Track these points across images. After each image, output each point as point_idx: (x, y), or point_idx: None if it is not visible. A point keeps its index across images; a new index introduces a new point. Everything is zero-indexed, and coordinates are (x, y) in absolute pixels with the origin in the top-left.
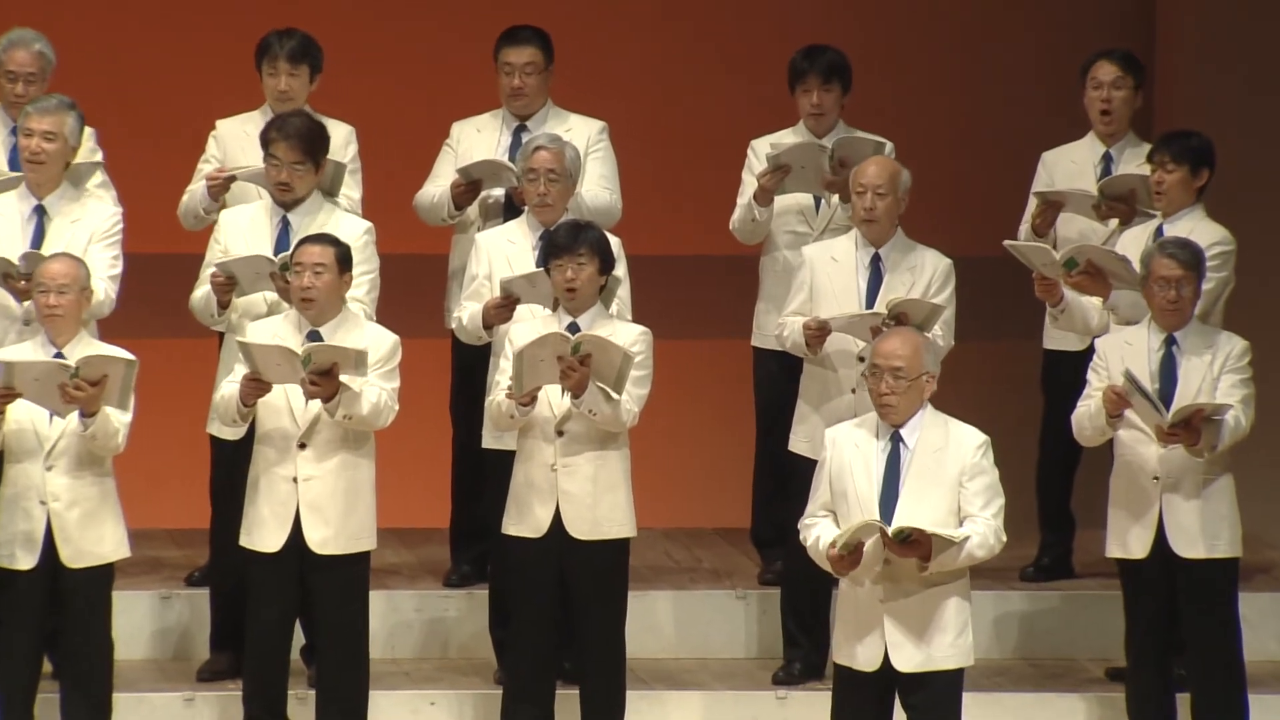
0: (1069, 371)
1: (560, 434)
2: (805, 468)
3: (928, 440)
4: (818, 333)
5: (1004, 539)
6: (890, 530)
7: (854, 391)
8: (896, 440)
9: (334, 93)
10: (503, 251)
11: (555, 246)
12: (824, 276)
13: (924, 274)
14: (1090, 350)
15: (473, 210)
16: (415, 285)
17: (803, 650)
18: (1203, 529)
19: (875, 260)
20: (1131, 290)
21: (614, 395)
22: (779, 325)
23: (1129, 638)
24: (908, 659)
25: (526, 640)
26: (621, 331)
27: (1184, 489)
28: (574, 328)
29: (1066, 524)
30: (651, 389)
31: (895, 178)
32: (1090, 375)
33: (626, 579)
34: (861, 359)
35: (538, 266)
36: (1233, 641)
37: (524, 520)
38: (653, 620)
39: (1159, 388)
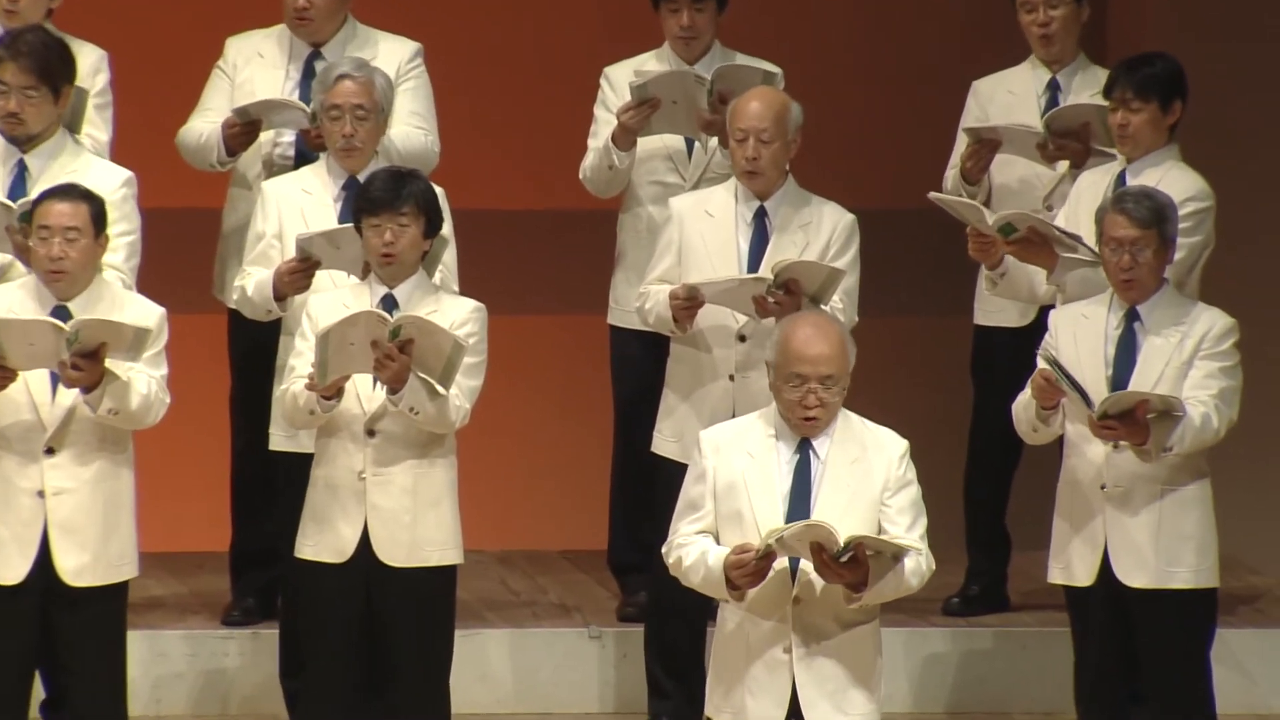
0: (1006, 352)
1: (371, 435)
2: (674, 474)
3: (843, 449)
4: (687, 304)
5: (933, 566)
6: (843, 540)
7: (732, 378)
8: (806, 449)
9: (81, 7)
10: (296, 204)
11: (371, 201)
12: (696, 235)
13: (820, 232)
14: (1034, 327)
15: (255, 164)
16: (181, 248)
17: (672, 702)
18: (1157, 551)
19: (760, 215)
20: (1084, 266)
21: (440, 389)
22: (639, 295)
23: (1077, 685)
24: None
25: (325, 691)
26: (449, 308)
27: (1135, 501)
28: (389, 302)
29: (1000, 544)
30: (485, 379)
31: (783, 116)
32: (1039, 359)
33: (452, 616)
34: (743, 338)
35: (343, 223)
36: (1199, 691)
37: (323, 541)
38: (485, 667)
39: (1113, 374)
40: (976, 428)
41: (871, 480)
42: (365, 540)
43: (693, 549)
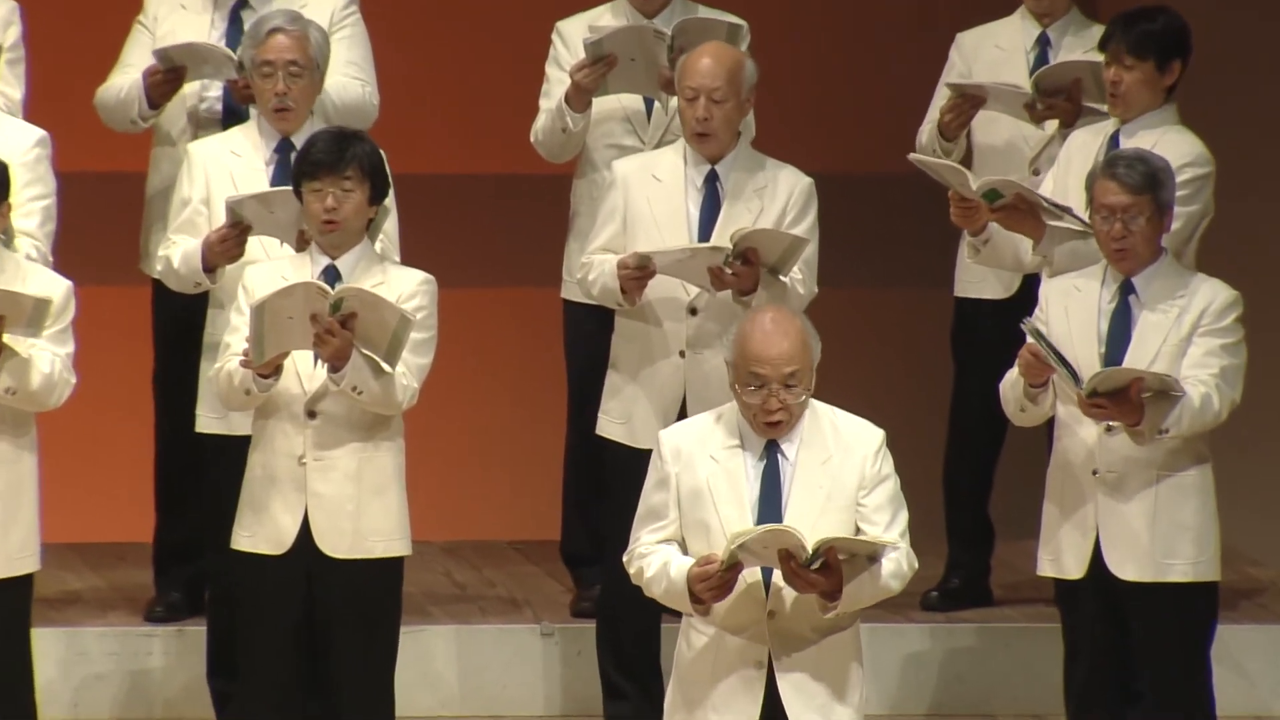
0: (988, 327)
1: (312, 416)
2: (621, 458)
3: (812, 449)
4: (638, 274)
5: (915, 565)
6: (810, 546)
7: (683, 355)
8: (773, 451)
9: None
10: (225, 166)
11: (312, 164)
12: (642, 201)
13: (776, 198)
14: (1018, 299)
15: (180, 119)
16: (101, 215)
17: (629, 703)
18: (1153, 542)
19: (711, 179)
20: (1073, 237)
21: (386, 367)
22: (582, 266)
23: (1067, 684)
24: None
25: (260, 693)
26: (396, 280)
27: (1129, 487)
28: (332, 274)
29: (982, 534)
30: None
31: (736, 74)
32: (1026, 332)
33: (398, 611)
34: (694, 311)
35: (277, 186)
36: (1198, 691)
37: (260, 530)
38: (429, 665)
39: (1106, 351)
40: (957, 408)
41: (845, 480)
42: (306, 530)
43: (655, 559)
